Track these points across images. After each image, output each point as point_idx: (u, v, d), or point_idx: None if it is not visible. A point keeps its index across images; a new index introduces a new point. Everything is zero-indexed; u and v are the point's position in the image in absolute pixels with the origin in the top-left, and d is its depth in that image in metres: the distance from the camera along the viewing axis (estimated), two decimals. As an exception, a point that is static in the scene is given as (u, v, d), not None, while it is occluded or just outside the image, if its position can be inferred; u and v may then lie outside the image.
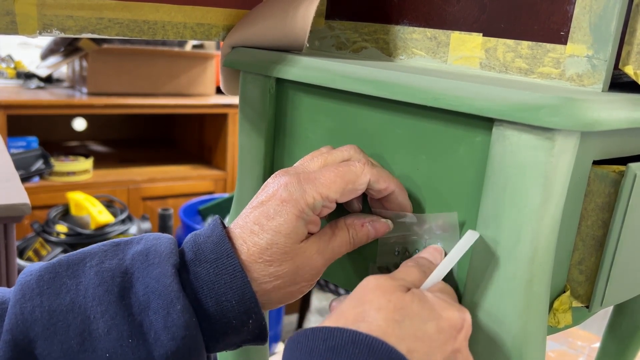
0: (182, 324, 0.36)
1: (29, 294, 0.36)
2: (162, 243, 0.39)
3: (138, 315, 0.36)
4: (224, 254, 0.38)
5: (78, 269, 0.38)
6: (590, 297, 0.41)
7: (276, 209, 0.39)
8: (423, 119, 0.42)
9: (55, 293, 0.36)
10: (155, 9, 0.51)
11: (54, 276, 0.37)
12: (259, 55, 0.52)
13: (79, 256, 0.39)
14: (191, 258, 0.39)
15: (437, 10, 0.49)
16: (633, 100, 0.38)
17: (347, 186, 0.40)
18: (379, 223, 0.43)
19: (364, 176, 0.40)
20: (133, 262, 0.38)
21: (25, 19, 0.46)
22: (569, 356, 0.98)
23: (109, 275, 0.37)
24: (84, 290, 0.37)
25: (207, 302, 0.38)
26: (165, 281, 0.37)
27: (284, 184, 0.40)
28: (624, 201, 0.38)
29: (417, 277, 0.39)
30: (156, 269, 0.37)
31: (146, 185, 2.08)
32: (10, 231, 0.92)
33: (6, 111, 1.82)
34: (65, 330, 0.35)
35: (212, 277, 0.38)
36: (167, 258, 0.38)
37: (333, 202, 0.40)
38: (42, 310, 0.36)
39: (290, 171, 0.41)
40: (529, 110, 0.34)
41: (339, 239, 0.42)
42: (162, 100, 2.07)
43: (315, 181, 0.40)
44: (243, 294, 0.38)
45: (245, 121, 0.55)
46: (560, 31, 0.41)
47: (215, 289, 0.38)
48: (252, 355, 0.62)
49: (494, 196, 0.37)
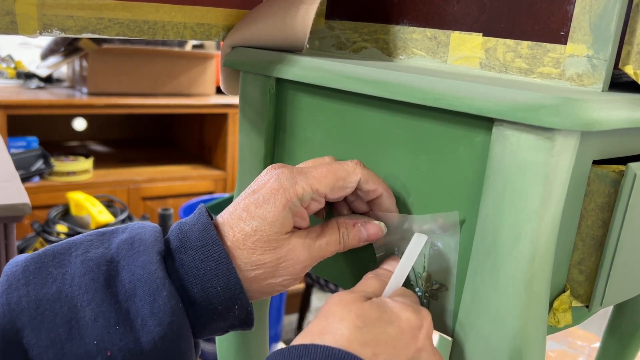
0: (168, 310, 0.36)
1: (15, 284, 0.36)
2: (147, 231, 0.40)
3: (124, 302, 0.37)
4: (209, 241, 0.39)
5: (64, 259, 0.38)
6: (590, 297, 0.41)
7: (265, 197, 0.40)
8: (423, 119, 0.42)
9: (41, 283, 0.37)
10: (155, 9, 0.51)
11: (40, 266, 0.37)
12: (259, 55, 0.52)
13: (65, 246, 0.39)
14: (177, 246, 0.39)
15: (437, 10, 0.49)
16: (633, 100, 0.38)
17: (337, 182, 0.41)
18: (371, 225, 0.43)
19: (355, 175, 0.42)
20: (118, 250, 0.39)
21: (25, 19, 0.46)
22: (569, 356, 0.98)
23: (95, 263, 0.37)
24: (70, 279, 0.37)
25: (193, 289, 0.38)
26: (150, 268, 0.37)
27: (276, 174, 0.41)
28: (623, 201, 0.38)
29: (377, 287, 0.41)
30: (141, 256, 0.38)
31: (146, 185, 2.08)
32: (10, 231, 0.92)
33: (6, 111, 1.82)
34: (53, 319, 0.35)
35: (197, 264, 0.39)
36: (152, 246, 0.38)
37: (322, 196, 0.41)
38: (29, 300, 0.36)
39: (284, 165, 0.42)
40: (529, 110, 0.34)
41: (327, 237, 0.42)
42: (162, 100, 2.07)
43: (307, 174, 0.41)
44: (228, 280, 0.39)
45: (245, 121, 0.55)
46: (560, 31, 0.41)
47: (201, 276, 0.38)
48: (252, 355, 0.62)
49: (493, 196, 0.37)
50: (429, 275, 0.43)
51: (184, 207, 1.91)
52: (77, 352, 0.35)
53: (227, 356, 0.62)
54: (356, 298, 0.37)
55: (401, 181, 0.44)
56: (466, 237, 0.41)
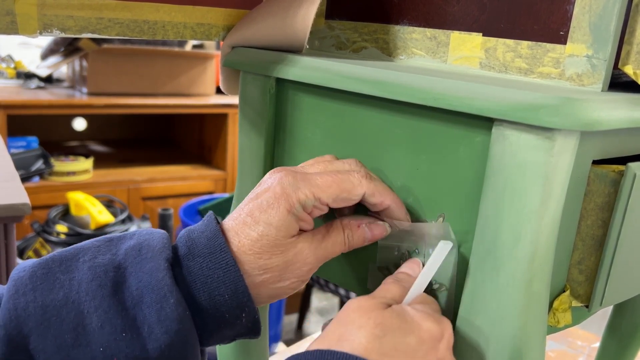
0: (175, 318, 0.36)
1: (22, 289, 0.36)
2: (154, 238, 0.39)
3: (132, 309, 0.36)
4: (217, 249, 0.39)
5: (71, 265, 0.38)
6: (590, 297, 0.41)
7: (269, 202, 0.40)
8: (423, 119, 0.42)
9: (48, 288, 0.36)
10: (155, 9, 0.51)
11: (47, 272, 0.37)
12: (259, 55, 0.52)
13: (72, 252, 0.39)
14: (185, 253, 0.39)
15: (437, 10, 0.49)
16: (633, 100, 0.38)
17: (341, 194, 0.41)
18: (375, 226, 0.43)
19: (360, 188, 0.41)
20: (126, 257, 0.38)
21: (25, 19, 0.46)
22: (568, 356, 0.98)
23: (102, 270, 0.37)
24: (77, 285, 0.37)
25: (200, 296, 0.38)
26: (158, 275, 0.37)
27: (279, 179, 0.40)
28: (623, 201, 0.38)
29: (398, 293, 0.40)
30: (149, 263, 0.38)
31: (146, 185, 2.08)
32: (10, 231, 0.92)
33: (6, 111, 1.82)
34: (59, 325, 0.35)
35: (205, 272, 0.38)
36: (159, 252, 0.38)
37: (325, 205, 0.41)
38: (36, 306, 0.35)
39: (288, 169, 0.42)
40: (529, 110, 0.34)
41: (332, 238, 0.42)
42: (162, 100, 2.07)
43: (311, 181, 0.40)
44: (236, 288, 0.38)
45: (245, 121, 0.55)
46: (560, 31, 0.41)
47: (208, 283, 0.38)
48: (252, 355, 0.62)
49: (493, 196, 0.37)
50: (428, 275, 0.43)
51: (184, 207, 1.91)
52: (83, 358, 0.35)
53: (227, 356, 0.62)
54: (376, 305, 0.36)
55: (401, 181, 0.44)
56: (466, 237, 0.41)
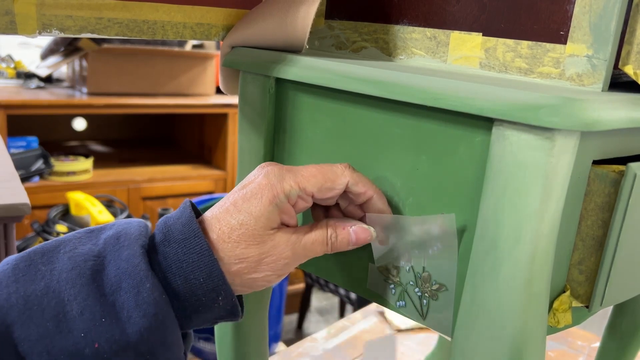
0: (152, 301, 0.37)
1: (5, 281, 0.37)
2: (132, 227, 0.41)
3: (110, 295, 0.37)
4: (191, 234, 0.40)
5: (52, 256, 0.39)
6: (590, 297, 0.41)
7: (253, 192, 0.41)
8: (423, 119, 0.42)
9: (30, 279, 0.37)
10: (154, 9, 0.51)
11: (29, 264, 0.38)
12: (259, 55, 0.52)
13: (54, 244, 0.40)
14: (161, 239, 0.40)
15: (437, 10, 0.49)
16: (633, 100, 0.38)
17: (325, 183, 0.42)
18: (361, 229, 0.44)
19: (344, 177, 0.42)
20: (105, 246, 0.39)
21: (24, 19, 0.46)
22: (568, 356, 0.98)
23: (82, 259, 0.38)
24: (57, 275, 0.38)
25: (176, 281, 0.39)
26: (134, 261, 0.38)
27: (266, 171, 0.42)
28: (623, 201, 0.38)
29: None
30: (126, 250, 0.39)
31: (146, 185, 2.08)
32: (10, 231, 0.92)
33: (6, 111, 1.82)
34: (41, 314, 0.36)
35: (180, 257, 0.39)
36: (135, 240, 0.39)
37: (309, 195, 0.42)
38: (18, 297, 0.36)
39: (276, 163, 0.43)
40: (529, 110, 0.34)
41: (314, 236, 0.43)
42: (162, 100, 2.07)
43: (296, 172, 0.42)
44: (210, 272, 0.39)
45: (245, 121, 0.55)
46: (560, 31, 0.41)
47: (183, 268, 0.39)
48: (252, 354, 0.62)
49: (493, 196, 0.37)
50: (429, 275, 0.43)
51: (184, 207, 1.90)
52: (65, 344, 0.36)
53: (227, 356, 0.62)
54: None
55: (401, 181, 0.44)
56: (466, 237, 0.41)
